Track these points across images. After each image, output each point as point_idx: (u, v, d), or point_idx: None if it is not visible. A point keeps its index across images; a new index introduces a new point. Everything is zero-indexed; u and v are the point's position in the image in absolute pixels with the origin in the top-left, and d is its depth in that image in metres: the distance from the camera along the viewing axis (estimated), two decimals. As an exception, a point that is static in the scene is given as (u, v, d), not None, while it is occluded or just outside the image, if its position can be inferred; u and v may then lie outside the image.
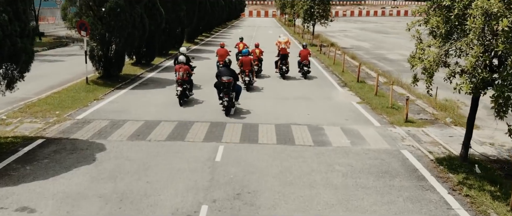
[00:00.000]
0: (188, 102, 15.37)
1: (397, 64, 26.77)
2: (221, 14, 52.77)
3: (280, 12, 76.01)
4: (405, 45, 37.93)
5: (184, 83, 14.88)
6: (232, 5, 67.24)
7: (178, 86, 14.79)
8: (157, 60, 24.77)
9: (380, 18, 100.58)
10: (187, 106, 14.86)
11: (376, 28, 62.31)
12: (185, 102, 15.11)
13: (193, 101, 15.64)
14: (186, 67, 15.22)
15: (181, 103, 14.87)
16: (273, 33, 53.99)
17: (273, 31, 56.35)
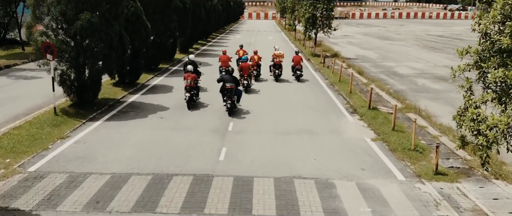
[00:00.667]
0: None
1: (409, 81, 24.16)
2: (218, 20, 50.23)
3: (280, 15, 73.34)
4: (413, 54, 35.36)
5: (191, 90, 16.62)
6: (230, 9, 64.65)
7: (186, 93, 16.50)
8: (144, 77, 22.20)
9: (381, 20, 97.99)
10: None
11: (380, 33, 59.70)
12: (193, 106, 16.88)
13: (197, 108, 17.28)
14: (193, 75, 16.78)
15: (189, 107, 16.57)
16: (272, 39, 51.48)
17: (273, 37, 53.80)
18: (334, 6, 33.92)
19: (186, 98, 16.47)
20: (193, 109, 16.62)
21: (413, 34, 58.50)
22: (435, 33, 61.12)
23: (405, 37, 54.18)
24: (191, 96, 16.48)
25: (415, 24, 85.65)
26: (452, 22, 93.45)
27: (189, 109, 16.47)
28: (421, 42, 47.06)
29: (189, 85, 16.44)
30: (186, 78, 16.57)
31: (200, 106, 17.12)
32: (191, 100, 16.55)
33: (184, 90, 16.66)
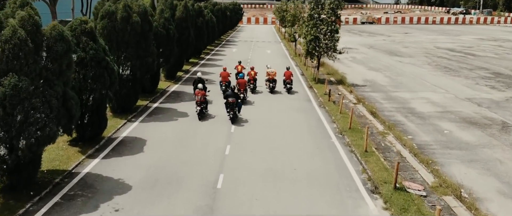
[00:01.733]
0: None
1: (432, 126, 20.11)
2: (213, 34, 46.29)
3: (279, 23, 69.27)
4: (428, 80, 31.24)
5: (202, 104, 19.72)
6: (227, 19, 60.62)
7: (197, 107, 19.70)
8: (113, 125, 18.20)
9: (384, 26, 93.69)
10: None
11: (386, 46, 55.66)
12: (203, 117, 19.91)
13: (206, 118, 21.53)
14: (202, 92, 19.95)
15: (200, 118, 19.65)
16: (271, 54, 47.58)
17: (272, 51, 49.85)
18: (339, 27, 29.84)
19: (197, 111, 19.75)
20: (203, 120, 19.89)
21: (422, 47, 54.49)
22: (444, 45, 57.09)
23: (413, 51, 50.17)
24: (201, 109, 19.77)
25: (420, 32, 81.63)
26: (458, 28, 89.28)
27: (200, 120, 19.70)
28: (432, 59, 43.05)
29: (199, 100, 19.74)
30: (197, 94, 19.98)
31: (209, 118, 20.42)
32: (201, 113, 19.79)
33: (195, 104, 20.05)
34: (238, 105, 19.84)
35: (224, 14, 57.95)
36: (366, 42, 61.29)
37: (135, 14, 19.14)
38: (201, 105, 19.69)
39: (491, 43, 60.52)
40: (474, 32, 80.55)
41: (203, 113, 19.86)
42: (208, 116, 20.50)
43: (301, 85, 29.46)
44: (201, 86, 20.35)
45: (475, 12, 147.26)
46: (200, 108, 19.63)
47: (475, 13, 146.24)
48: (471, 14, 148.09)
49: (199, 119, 19.61)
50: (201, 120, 19.58)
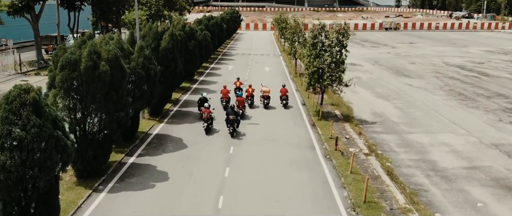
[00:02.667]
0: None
1: (462, 193, 16.65)
2: (207, 53, 42.94)
3: (278, 33, 65.65)
4: (444, 114, 27.54)
5: (208, 121, 22.70)
6: (224, 32, 57.17)
7: (204, 123, 22.70)
8: (72, 203, 14.77)
9: (387, 33, 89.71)
10: None
11: (391, 61, 52.21)
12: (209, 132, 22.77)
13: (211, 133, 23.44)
14: (208, 110, 22.96)
15: (207, 133, 22.53)
16: (270, 72, 44.30)
17: (271, 68, 46.46)
18: (345, 57, 26.31)
19: (204, 127, 22.50)
20: (209, 134, 22.57)
21: (429, 63, 51.07)
22: (453, 60, 53.67)
23: (421, 69, 46.73)
24: (208, 125, 22.52)
25: (425, 41, 78.22)
26: (463, 37, 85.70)
27: (206, 134, 22.41)
28: (443, 81, 39.63)
29: (206, 118, 22.48)
30: (204, 112, 22.78)
31: (214, 132, 22.96)
32: (208, 129, 22.51)
33: (202, 121, 22.86)
34: (237, 121, 22.49)
35: (220, 28, 54.47)
36: (370, 56, 57.89)
37: (103, 61, 15.71)
38: (207, 121, 22.61)
39: (502, 58, 57.10)
40: (480, 42, 77.16)
41: (209, 128, 22.73)
42: (214, 130, 23.27)
43: (302, 121, 26.02)
44: (208, 105, 23.43)
45: (478, 17, 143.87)
46: (207, 124, 22.60)
47: (478, 18, 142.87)
48: (474, 19, 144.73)
49: (206, 133, 22.54)
50: (207, 135, 22.46)
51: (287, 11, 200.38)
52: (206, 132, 22.54)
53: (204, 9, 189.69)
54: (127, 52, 19.57)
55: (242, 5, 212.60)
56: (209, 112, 22.77)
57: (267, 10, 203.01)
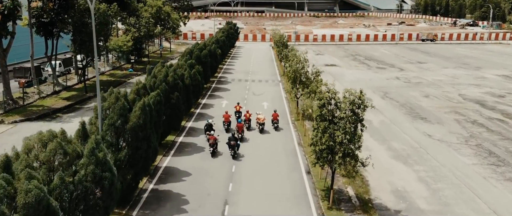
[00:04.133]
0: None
1: None
2: (198, 92, 37.66)
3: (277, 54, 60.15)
4: (479, 192, 21.91)
5: (214, 145, 26.61)
6: (218, 59, 51.82)
7: (210, 148, 26.68)
8: None
9: (393, 47, 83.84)
10: None
11: (402, 92, 46.79)
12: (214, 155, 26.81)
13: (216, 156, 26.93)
14: (214, 137, 26.80)
15: (212, 156, 26.62)
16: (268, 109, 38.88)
17: (269, 104, 41.11)
18: (362, 132, 20.88)
19: (211, 151, 26.72)
20: (214, 157, 26.78)
21: (445, 97, 45.69)
22: (470, 92, 48.33)
23: (438, 107, 41.35)
24: (213, 150, 26.68)
25: (434, 59, 72.81)
26: (473, 53, 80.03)
27: (212, 157, 26.61)
28: (467, 129, 34.31)
29: (212, 143, 26.69)
30: (210, 138, 26.86)
31: (218, 155, 27.14)
32: (213, 152, 26.74)
33: (208, 146, 27.06)
34: (237, 145, 26.33)
35: (214, 56, 49.09)
36: (378, 83, 52.58)
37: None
38: (213, 146, 26.50)
39: (523, 86, 51.83)
40: (493, 61, 71.79)
41: (215, 152, 26.58)
42: (218, 153, 27.15)
43: (309, 209, 20.75)
44: (213, 133, 27.43)
45: (484, 26, 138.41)
46: (213, 148, 26.50)
47: (484, 26, 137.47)
48: (480, 28, 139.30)
49: (212, 156, 26.48)
50: (213, 157, 26.42)
51: (286, 17, 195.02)
52: (212, 155, 26.81)
53: (202, 15, 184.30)
54: (73, 157, 14.26)
55: (241, 9, 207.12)
56: (214, 138, 26.86)
57: (266, 15, 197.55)
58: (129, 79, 53.98)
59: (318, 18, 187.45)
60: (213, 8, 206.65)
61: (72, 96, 43.40)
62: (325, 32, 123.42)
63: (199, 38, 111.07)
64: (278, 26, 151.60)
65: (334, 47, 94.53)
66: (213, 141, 26.68)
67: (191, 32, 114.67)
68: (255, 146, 29.34)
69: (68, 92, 44.92)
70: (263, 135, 31.96)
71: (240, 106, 35.00)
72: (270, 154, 27.89)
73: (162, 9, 64.91)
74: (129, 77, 54.98)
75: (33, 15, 41.79)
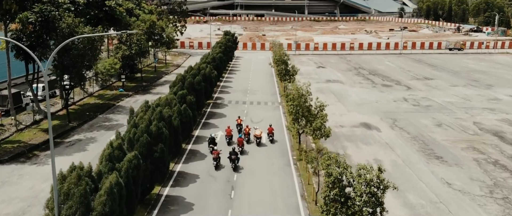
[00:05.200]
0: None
1: None
2: (189, 129, 33.78)
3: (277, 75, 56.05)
4: None
5: (217, 159, 29.48)
6: (213, 81, 47.92)
7: (214, 161, 29.54)
8: None
9: (398, 59, 79.64)
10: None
11: (413, 122, 42.83)
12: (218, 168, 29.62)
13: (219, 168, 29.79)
14: (217, 151, 29.83)
15: (216, 169, 29.44)
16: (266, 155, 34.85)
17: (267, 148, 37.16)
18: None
19: (214, 164, 29.44)
20: (217, 169, 29.50)
21: (460, 127, 41.75)
22: (486, 120, 44.40)
23: (453, 141, 37.42)
24: (216, 163, 29.38)
25: (441, 74, 68.84)
26: (481, 66, 75.81)
27: (216, 170, 29.40)
28: (489, 174, 30.44)
29: (215, 157, 29.55)
30: (213, 153, 29.86)
31: (221, 168, 29.85)
32: (217, 166, 29.43)
33: (212, 160, 29.83)
34: (237, 159, 29.60)
35: (209, 80, 45.18)
36: (385, 107, 48.70)
37: None
38: (216, 160, 29.57)
39: (540, 110, 47.96)
40: (504, 78, 67.83)
41: (218, 165, 29.60)
42: (221, 166, 30.02)
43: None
44: (217, 148, 31.50)
45: (489, 32, 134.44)
46: (216, 162, 29.57)
47: (489, 33, 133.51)
48: (485, 34, 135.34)
49: (215, 169, 29.56)
50: (216, 170, 29.51)
51: (286, 21, 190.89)
52: (215, 168, 29.52)
53: (201, 20, 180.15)
54: None
55: (240, 12, 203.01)
56: (217, 152, 29.76)
57: (266, 19, 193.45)
58: (119, 102, 50.08)
59: (319, 23, 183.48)
60: (212, 11, 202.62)
61: (53, 127, 39.49)
62: (326, 39, 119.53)
63: (197, 47, 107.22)
64: (278, 31, 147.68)
65: (336, 58, 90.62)
66: (216, 155, 29.73)
67: (188, 40, 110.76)
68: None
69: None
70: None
71: (241, 119, 38.61)
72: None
73: (156, 24, 60.92)
74: (119, 99, 51.07)
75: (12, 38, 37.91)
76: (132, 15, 61.27)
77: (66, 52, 38.53)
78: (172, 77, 67.49)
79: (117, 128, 39.33)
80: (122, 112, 45.93)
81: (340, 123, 42.98)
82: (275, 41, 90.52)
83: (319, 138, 32.41)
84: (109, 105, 48.23)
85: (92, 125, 41.27)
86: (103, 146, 34.92)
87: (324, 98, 53.97)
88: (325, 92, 57.40)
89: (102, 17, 53.87)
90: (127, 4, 60.43)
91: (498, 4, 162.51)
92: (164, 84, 61.84)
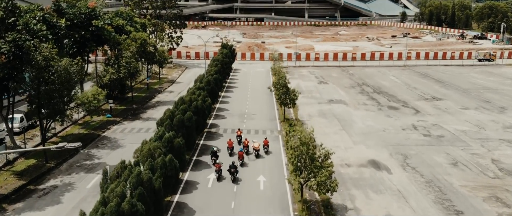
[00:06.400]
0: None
1: None
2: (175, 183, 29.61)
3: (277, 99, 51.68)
4: None
5: (218, 171, 32.66)
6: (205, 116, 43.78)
7: (216, 174, 32.75)
8: None
9: (402, 72, 75.29)
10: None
11: (426, 159, 38.63)
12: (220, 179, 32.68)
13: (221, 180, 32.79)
14: (219, 165, 33.08)
15: (218, 181, 32.58)
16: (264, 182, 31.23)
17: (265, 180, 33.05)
18: None
19: (216, 176, 32.70)
20: (219, 181, 32.63)
21: (478, 167, 37.58)
22: (504, 152, 40.28)
23: (473, 186, 33.32)
24: (218, 175, 32.64)
25: (450, 93, 64.63)
26: (490, 82, 71.36)
27: (218, 181, 32.46)
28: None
29: (217, 170, 32.82)
30: (215, 166, 33.32)
31: (222, 179, 32.99)
32: (219, 177, 32.65)
33: (214, 172, 33.07)
34: (236, 172, 32.62)
35: (202, 112, 41.00)
36: (393, 138, 44.57)
37: None
38: (218, 172, 32.78)
39: None
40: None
41: (220, 177, 32.70)
42: (222, 177, 33.06)
43: None
44: (219, 161, 34.47)
45: (494, 40, 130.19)
46: (218, 174, 32.76)
47: (494, 41, 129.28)
48: (489, 41, 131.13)
49: (217, 181, 32.52)
50: (218, 182, 32.53)
51: (286, 25, 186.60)
52: (217, 179, 32.76)
53: (199, 25, 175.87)
54: None
55: (239, 16, 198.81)
56: (219, 166, 33.09)
57: (265, 24, 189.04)
58: (105, 131, 45.91)
59: (319, 27, 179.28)
60: (211, 15, 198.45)
61: (28, 169, 35.36)
62: (327, 48, 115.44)
63: (194, 57, 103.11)
64: (278, 38, 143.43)
65: (338, 71, 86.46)
66: (218, 168, 32.97)
67: (185, 50, 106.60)
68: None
69: (26, 161, 36.90)
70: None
71: (241, 131, 42.50)
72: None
73: (147, 42, 56.72)
74: (105, 128, 46.90)
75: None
76: (122, 32, 57.05)
77: (41, 86, 34.39)
78: (165, 97, 63.45)
79: (98, 169, 35.40)
80: (107, 145, 41.81)
81: (346, 159, 38.85)
82: (275, 54, 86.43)
83: (324, 193, 28.37)
84: (93, 136, 44.05)
85: (72, 164, 37.10)
86: (81, 195, 30.98)
87: (327, 124, 50.02)
88: (328, 116, 53.32)
89: (89, 38, 49.73)
90: (117, 21, 56.21)
91: (502, 9, 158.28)
92: (156, 106, 57.70)
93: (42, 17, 39.44)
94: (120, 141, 43.08)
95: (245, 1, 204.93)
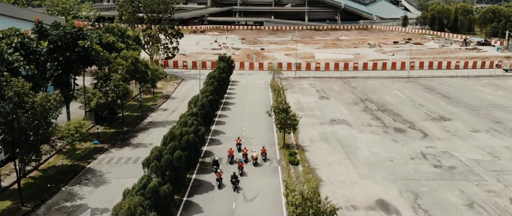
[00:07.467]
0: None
1: None
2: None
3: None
4: None
5: (219, 180, 35.33)
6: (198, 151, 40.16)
7: (217, 182, 35.41)
8: None
9: (406, 86, 71.34)
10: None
11: (434, 189, 35.05)
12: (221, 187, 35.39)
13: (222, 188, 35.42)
14: (220, 174, 35.58)
15: (219, 188, 35.29)
16: None
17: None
18: None
19: (217, 184, 35.32)
20: (221, 189, 35.20)
21: (496, 210, 34.05)
22: (525, 193, 36.72)
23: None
24: (220, 183, 35.27)
25: (459, 111, 60.95)
26: (499, 97, 67.67)
27: (219, 189, 35.10)
28: None
29: (218, 178, 35.53)
30: (217, 175, 35.71)
31: (223, 187, 35.58)
32: (220, 185, 35.27)
33: (215, 180, 35.71)
34: (237, 181, 35.11)
35: (194, 147, 37.37)
36: (402, 170, 40.98)
37: None
38: (219, 180, 35.47)
39: None
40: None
41: (221, 185, 35.29)
42: (223, 185, 35.69)
43: None
44: (220, 170, 36.45)
45: (499, 47, 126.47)
46: (219, 182, 35.40)
47: (499, 48, 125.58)
48: (494, 47, 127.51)
49: (218, 188, 35.25)
50: (219, 189, 35.25)
51: (286, 29, 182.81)
52: (218, 187, 35.53)
53: (198, 29, 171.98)
54: None
55: (238, 20, 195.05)
56: (220, 174, 35.81)
57: (265, 28, 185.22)
58: (90, 162, 42.28)
59: (319, 32, 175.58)
60: (210, 18, 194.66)
61: (1, 214, 31.78)
62: (328, 56, 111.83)
63: (191, 66, 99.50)
64: (277, 44, 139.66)
65: (340, 84, 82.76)
66: (219, 177, 35.55)
67: (182, 59, 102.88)
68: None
69: (0, 202, 33.32)
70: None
71: (240, 139, 45.45)
72: None
73: (139, 61, 53.13)
74: (91, 157, 43.26)
75: None
76: (112, 50, 53.39)
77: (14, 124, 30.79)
78: (158, 116, 59.76)
79: (79, 213, 31.91)
80: (90, 180, 38.22)
81: (352, 199, 35.31)
82: (274, 66, 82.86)
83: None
84: (77, 169, 40.44)
85: (50, 206, 33.51)
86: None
87: (330, 151, 46.37)
88: (330, 141, 49.71)
89: (75, 59, 46.10)
90: (107, 38, 52.57)
91: (505, 14, 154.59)
92: (148, 128, 54.05)
93: (20, 43, 35.73)
94: (105, 174, 39.48)
95: (245, 4, 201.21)
